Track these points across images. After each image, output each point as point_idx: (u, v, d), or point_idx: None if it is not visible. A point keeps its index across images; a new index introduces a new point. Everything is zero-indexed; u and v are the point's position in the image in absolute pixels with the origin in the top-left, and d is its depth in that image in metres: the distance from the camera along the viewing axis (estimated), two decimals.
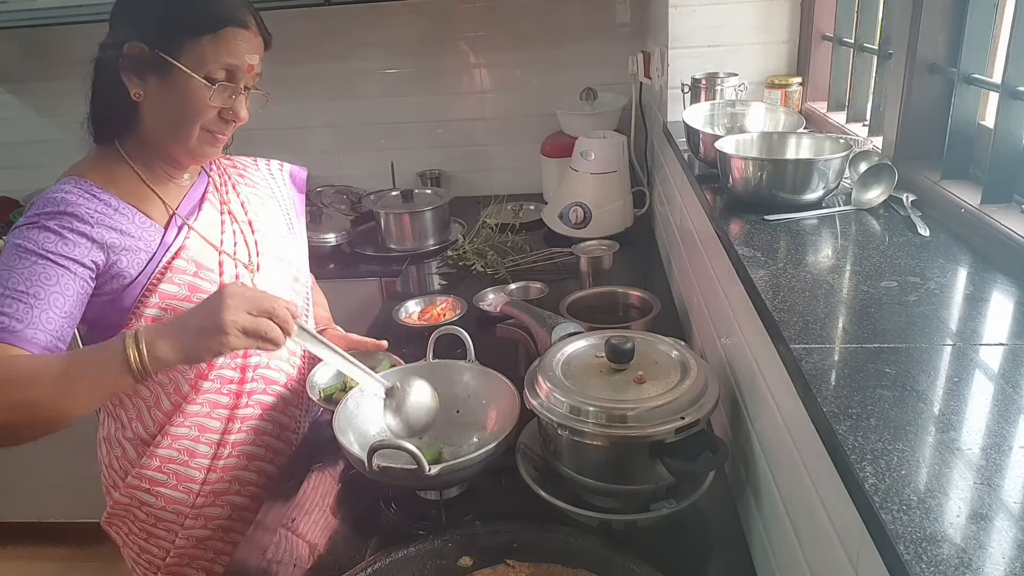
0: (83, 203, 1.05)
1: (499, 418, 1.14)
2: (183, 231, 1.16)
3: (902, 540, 0.48)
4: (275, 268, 1.28)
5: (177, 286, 1.12)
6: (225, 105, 1.10)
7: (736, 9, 1.70)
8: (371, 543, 1.06)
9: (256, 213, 1.30)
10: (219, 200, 1.25)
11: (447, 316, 1.71)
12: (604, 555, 0.90)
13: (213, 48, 1.06)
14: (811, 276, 0.87)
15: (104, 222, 1.06)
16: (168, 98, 1.08)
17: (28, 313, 0.97)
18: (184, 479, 1.19)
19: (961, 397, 0.62)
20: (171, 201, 1.17)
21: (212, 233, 1.20)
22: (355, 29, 2.60)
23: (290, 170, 1.43)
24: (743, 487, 1.03)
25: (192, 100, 1.07)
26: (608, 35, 2.54)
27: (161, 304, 1.11)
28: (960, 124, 1.05)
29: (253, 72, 1.11)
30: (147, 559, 1.23)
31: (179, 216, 1.17)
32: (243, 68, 1.09)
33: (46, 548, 2.65)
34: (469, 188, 2.77)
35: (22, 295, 0.97)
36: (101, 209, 1.07)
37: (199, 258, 1.16)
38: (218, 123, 1.11)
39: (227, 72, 1.08)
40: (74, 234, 1.03)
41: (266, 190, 1.35)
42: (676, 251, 1.76)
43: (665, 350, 1.04)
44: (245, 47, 1.08)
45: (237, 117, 1.12)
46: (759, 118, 1.48)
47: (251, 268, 1.24)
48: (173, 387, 1.17)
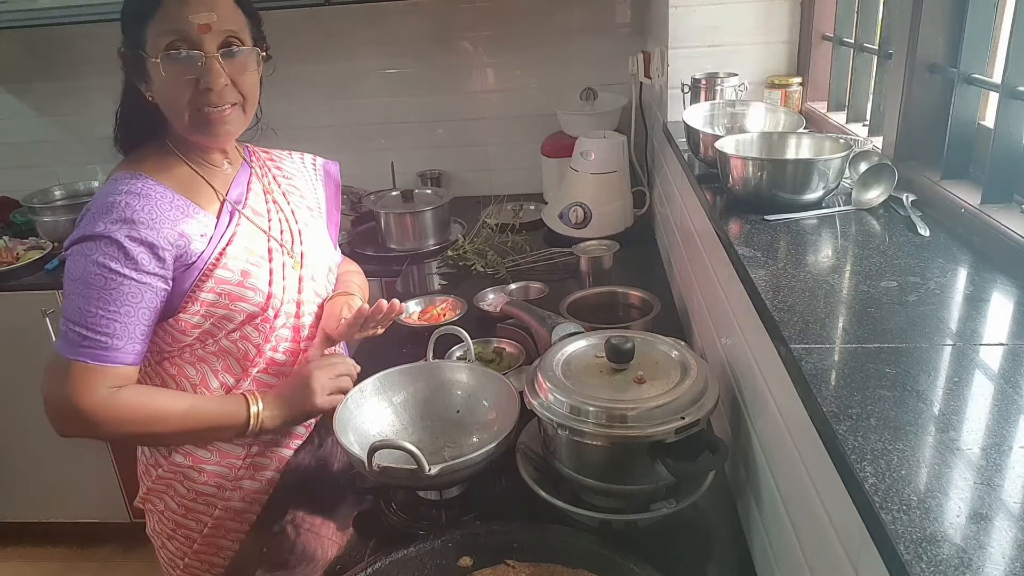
0: (142, 204, 1.07)
1: (499, 418, 1.14)
2: (235, 217, 1.18)
3: (902, 540, 0.48)
4: (315, 258, 1.31)
5: (231, 272, 1.15)
6: (190, 75, 1.06)
7: (736, 9, 1.70)
8: (371, 543, 1.06)
9: (296, 204, 1.32)
10: (262, 188, 1.27)
11: (447, 316, 1.71)
12: (604, 555, 0.90)
13: (157, 21, 1.04)
14: (811, 276, 0.87)
15: (165, 221, 1.08)
16: (157, 91, 1.09)
17: (124, 331, 1.06)
18: (227, 455, 1.23)
19: (961, 397, 0.62)
20: (220, 188, 1.19)
21: (260, 219, 1.23)
22: (355, 29, 2.60)
23: (323, 164, 1.45)
24: (743, 487, 1.03)
25: (161, 83, 1.06)
26: (608, 35, 2.54)
27: (216, 289, 1.13)
28: (960, 124, 1.05)
29: (212, 31, 1.05)
30: (184, 533, 1.25)
31: (229, 202, 1.19)
32: (192, 29, 1.04)
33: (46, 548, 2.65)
34: (469, 188, 2.77)
35: (115, 314, 1.05)
36: (158, 206, 1.09)
37: (250, 244, 1.19)
38: (199, 96, 1.08)
39: (183, 41, 1.04)
40: (144, 247, 1.05)
41: (302, 181, 1.38)
42: (676, 251, 1.76)
43: (665, 350, 1.04)
44: (186, 8, 1.03)
45: (210, 84, 1.06)
46: (759, 118, 1.48)
47: (294, 257, 1.26)
48: (223, 365, 1.20)
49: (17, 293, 2.29)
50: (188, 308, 1.12)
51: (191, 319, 1.13)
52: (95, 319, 1.04)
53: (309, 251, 1.29)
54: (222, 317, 1.15)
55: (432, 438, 1.18)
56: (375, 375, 1.22)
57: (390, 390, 1.21)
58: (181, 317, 1.12)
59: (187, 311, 1.12)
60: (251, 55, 1.12)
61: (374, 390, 1.19)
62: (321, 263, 1.33)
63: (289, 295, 1.23)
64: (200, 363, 1.18)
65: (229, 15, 1.08)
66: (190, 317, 1.13)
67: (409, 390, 1.22)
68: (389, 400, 1.20)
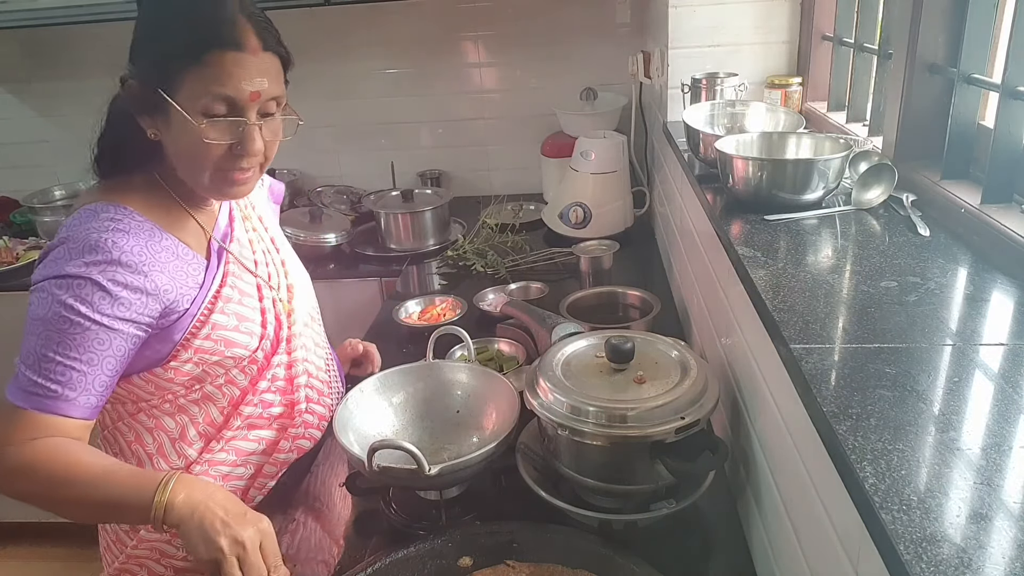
0: (131, 245, 0.96)
1: (499, 418, 1.14)
2: (223, 257, 1.09)
3: (902, 540, 0.48)
4: (301, 288, 1.24)
5: (227, 316, 1.07)
6: (230, 140, 0.97)
7: (736, 9, 1.70)
8: (371, 543, 1.06)
9: (269, 224, 1.25)
10: (242, 218, 1.17)
11: (447, 316, 1.71)
12: (604, 555, 0.90)
13: (200, 78, 0.92)
14: (811, 276, 0.87)
15: (154, 265, 0.97)
16: (174, 138, 0.97)
17: (81, 380, 0.93)
18: None
19: (961, 397, 0.62)
20: (207, 225, 1.09)
21: (245, 254, 1.14)
22: (355, 29, 2.60)
23: (270, 183, 1.35)
24: (743, 487, 1.03)
25: (193, 140, 0.95)
26: (608, 35, 2.54)
27: (212, 335, 1.05)
28: (960, 124, 1.05)
29: (261, 99, 0.96)
30: None
31: (215, 239, 1.09)
32: (244, 96, 0.94)
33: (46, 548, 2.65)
34: (469, 188, 2.77)
35: (75, 362, 0.92)
36: (148, 247, 0.98)
37: (240, 285, 1.10)
38: (229, 160, 0.98)
39: (225, 104, 0.94)
40: (128, 291, 0.94)
41: (262, 200, 1.29)
42: (676, 251, 1.76)
43: (665, 350, 1.04)
44: (240, 72, 0.93)
45: (246, 152, 0.97)
46: (759, 118, 1.48)
47: (282, 290, 1.18)
48: (203, 415, 1.10)
49: (17, 293, 2.29)
50: (180, 356, 1.03)
51: (182, 367, 1.04)
52: (49, 365, 0.91)
53: (296, 282, 1.22)
54: (214, 363, 1.07)
55: (432, 438, 1.18)
56: (375, 375, 1.22)
57: (390, 390, 1.21)
58: (171, 365, 1.03)
59: (178, 359, 1.03)
60: (289, 124, 1.04)
61: (374, 390, 1.19)
62: (306, 291, 1.26)
63: (283, 333, 1.16)
64: (179, 413, 1.09)
65: (276, 79, 0.99)
66: (181, 365, 1.04)
67: (409, 390, 1.22)
68: (389, 400, 1.20)
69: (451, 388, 1.22)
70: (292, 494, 1.17)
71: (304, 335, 1.22)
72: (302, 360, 1.20)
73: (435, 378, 1.23)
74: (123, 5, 2.27)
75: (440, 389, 1.22)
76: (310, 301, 1.28)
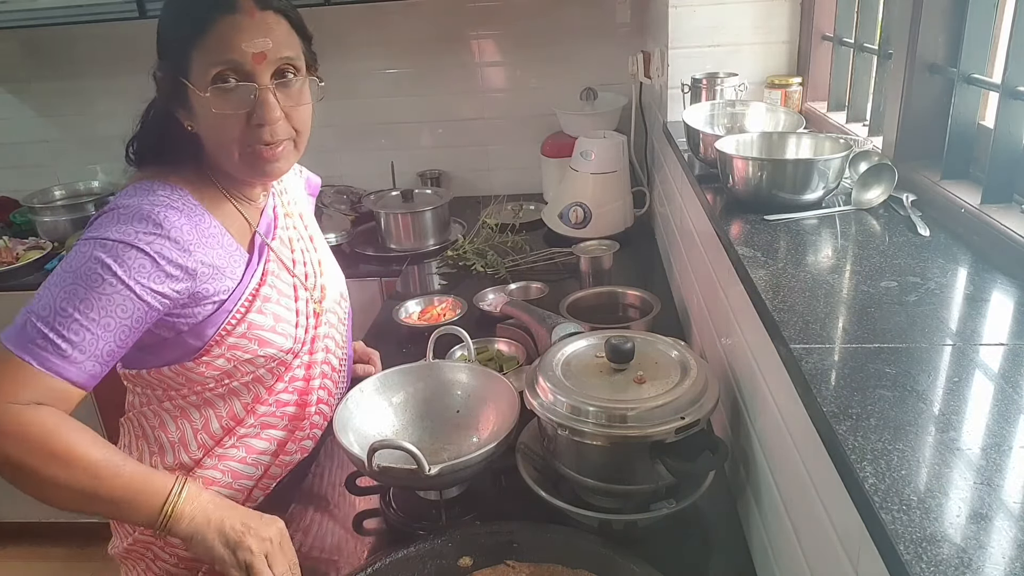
0: (181, 223, 0.96)
1: (499, 418, 1.14)
2: (264, 253, 1.09)
3: (902, 540, 0.48)
4: (333, 289, 1.24)
5: (265, 315, 1.06)
6: (243, 109, 0.95)
7: (736, 9, 1.70)
8: (371, 543, 1.06)
9: (308, 222, 1.24)
10: (284, 213, 1.17)
11: (447, 316, 1.71)
12: (604, 555, 0.90)
13: (203, 50, 0.92)
14: (811, 276, 0.87)
15: (200, 247, 0.97)
16: (199, 122, 0.98)
17: (93, 344, 0.89)
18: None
19: (961, 397, 0.62)
20: (252, 220, 1.09)
21: (285, 253, 1.14)
22: (355, 29, 2.60)
23: (308, 176, 1.36)
24: (743, 487, 1.03)
25: (209, 117, 0.95)
26: (608, 35, 2.54)
27: (248, 334, 1.04)
28: (960, 124, 1.05)
29: (267, 60, 0.94)
30: None
31: (259, 234, 1.09)
32: (247, 59, 0.93)
33: (46, 548, 2.65)
34: (469, 188, 2.77)
35: (93, 323, 0.89)
36: (197, 229, 0.98)
37: (279, 284, 1.10)
38: (252, 133, 0.97)
39: (233, 71, 0.93)
40: (170, 265, 0.93)
41: (302, 194, 1.29)
42: (676, 251, 1.76)
43: (665, 350, 1.04)
44: (238, 35, 0.92)
45: (264, 120, 0.96)
46: (759, 118, 1.48)
47: (316, 291, 1.18)
48: (227, 409, 1.11)
49: (17, 293, 2.29)
50: (212, 351, 1.03)
51: (213, 361, 1.04)
52: (66, 320, 0.88)
53: (329, 283, 1.22)
54: (246, 361, 1.07)
55: (432, 438, 1.18)
56: (375, 375, 1.22)
57: (390, 390, 1.21)
58: (203, 360, 1.03)
59: (210, 354, 1.03)
60: (308, 84, 1.02)
61: (374, 390, 1.19)
62: (336, 292, 1.26)
63: (309, 335, 1.16)
64: (205, 406, 1.09)
65: (284, 40, 0.97)
66: (212, 360, 1.04)
67: (409, 390, 1.21)
68: (389, 400, 1.20)
69: (451, 388, 1.22)
70: (292, 494, 1.17)
71: (329, 336, 1.22)
72: (321, 362, 1.20)
73: (435, 378, 1.23)
74: (123, 5, 2.27)
75: (440, 389, 1.22)
76: (340, 302, 1.28)
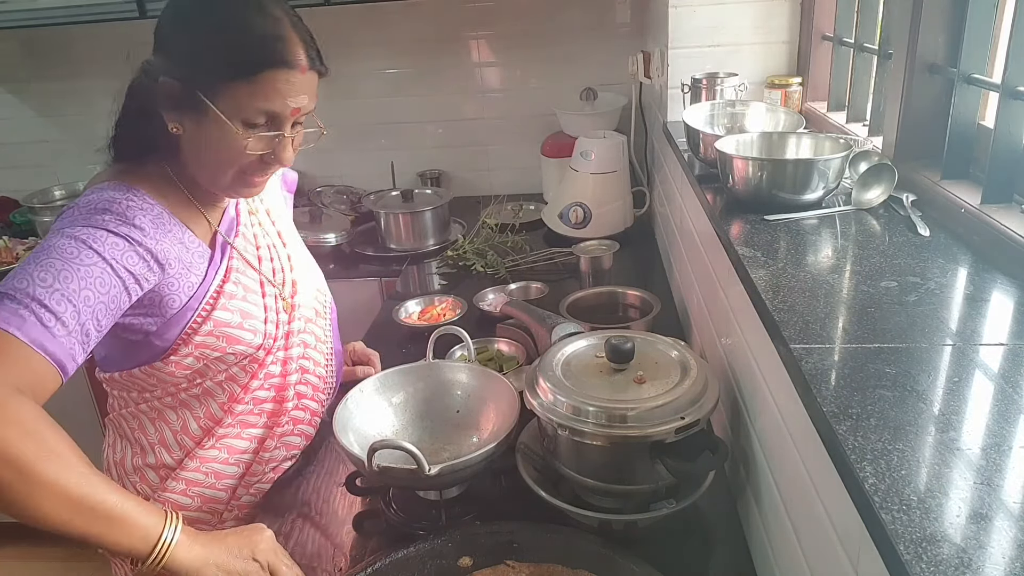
0: (144, 215, 0.97)
1: (499, 418, 1.14)
2: (227, 251, 1.09)
3: (902, 540, 0.48)
4: (306, 284, 1.23)
5: (230, 312, 1.07)
6: (265, 151, 0.99)
7: (736, 9, 1.70)
8: (371, 543, 1.06)
9: (277, 218, 1.24)
10: (248, 211, 1.17)
11: (447, 316, 1.71)
12: (604, 555, 0.90)
13: (249, 93, 0.94)
14: (811, 276, 0.87)
15: (164, 239, 0.98)
16: (204, 139, 0.98)
17: (74, 318, 0.85)
18: (209, 500, 1.14)
19: (961, 397, 0.62)
20: (213, 219, 1.10)
21: (249, 250, 1.14)
22: (355, 29, 2.60)
23: (283, 171, 1.31)
24: (743, 487, 1.03)
25: (227, 146, 0.97)
26: (608, 35, 2.54)
27: (215, 332, 1.05)
28: (960, 124, 1.05)
29: (299, 114, 1.00)
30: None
31: (221, 234, 1.09)
32: (286, 112, 0.97)
33: (45, 548, 2.65)
34: (469, 188, 2.77)
35: (74, 295, 0.86)
36: (157, 224, 0.98)
37: (244, 281, 1.11)
38: (258, 167, 1.01)
39: (267, 117, 0.96)
40: (140, 247, 0.94)
41: (274, 191, 1.29)
42: (676, 251, 1.76)
43: (665, 350, 1.04)
44: (288, 89, 0.95)
45: (279, 161, 1.00)
46: (759, 118, 1.48)
47: (286, 287, 1.17)
48: (204, 410, 1.12)
49: None
50: (180, 351, 1.03)
51: (182, 360, 1.05)
52: (46, 290, 0.84)
53: (300, 277, 1.21)
54: (216, 359, 1.07)
55: (432, 438, 1.18)
56: (375, 375, 1.22)
57: (390, 390, 1.21)
58: (171, 360, 1.04)
59: (178, 353, 1.04)
60: (316, 135, 1.07)
61: (374, 390, 1.19)
62: (311, 287, 1.26)
63: (281, 330, 1.16)
64: (181, 407, 1.10)
65: (314, 95, 1.01)
66: (181, 359, 1.04)
67: (409, 390, 1.21)
68: (389, 400, 1.20)
69: (451, 388, 1.22)
70: (291, 494, 1.17)
71: (306, 331, 1.22)
72: (298, 358, 1.20)
73: (435, 378, 1.23)
74: (123, 5, 2.27)
75: (440, 389, 1.22)
76: (317, 296, 1.28)
